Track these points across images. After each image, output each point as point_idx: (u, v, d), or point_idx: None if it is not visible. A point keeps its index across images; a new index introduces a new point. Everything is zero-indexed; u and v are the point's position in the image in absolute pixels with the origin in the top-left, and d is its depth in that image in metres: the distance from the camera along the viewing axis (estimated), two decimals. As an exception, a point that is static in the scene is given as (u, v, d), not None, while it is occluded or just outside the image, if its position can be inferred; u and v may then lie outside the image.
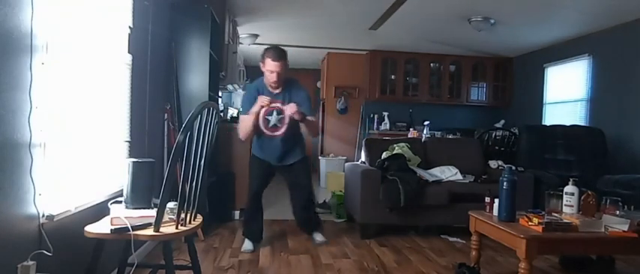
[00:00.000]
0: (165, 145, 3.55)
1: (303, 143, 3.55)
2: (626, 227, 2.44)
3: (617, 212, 2.67)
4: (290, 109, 3.15)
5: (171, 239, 1.94)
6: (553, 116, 6.25)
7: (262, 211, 3.60)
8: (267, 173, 3.49)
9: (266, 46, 3.32)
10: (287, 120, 3.21)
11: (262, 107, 3.17)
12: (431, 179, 4.03)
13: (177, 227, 1.90)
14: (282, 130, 3.24)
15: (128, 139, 2.81)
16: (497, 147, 5.39)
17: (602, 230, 2.49)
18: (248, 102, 3.32)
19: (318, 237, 3.60)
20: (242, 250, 3.40)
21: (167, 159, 3.47)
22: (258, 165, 3.46)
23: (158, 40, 3.39)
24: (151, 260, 3.02)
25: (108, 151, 2.52)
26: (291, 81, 3.38)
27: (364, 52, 7.40)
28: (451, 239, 3.92)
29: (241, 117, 3.37)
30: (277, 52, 3.21)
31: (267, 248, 3.52)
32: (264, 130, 3.25)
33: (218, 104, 4.98)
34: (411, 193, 3.74)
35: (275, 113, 3.21)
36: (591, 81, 5.57)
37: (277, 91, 3.31)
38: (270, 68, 3.19)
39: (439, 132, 6.42)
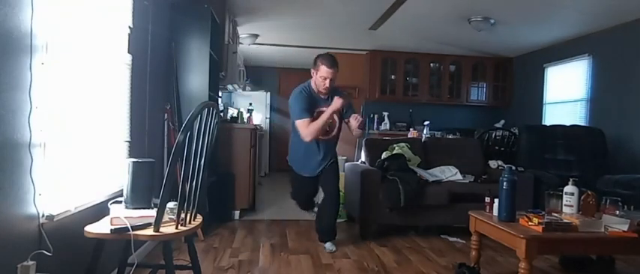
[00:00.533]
0: (165, 145, 3.55)
1: None
2: (626, 227, 2.44)
3: (617, 212, 2.67)
4: (354, 120, 3.31)
5: (172, 239, 1.94)
6: (553, 116, 6.26)
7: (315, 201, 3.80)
8: (314, 183, 3.61)
9: (320, 53, 3.46)
10: (338, 124, 3.43)
11: (337, 108, 3.33)
12: (431, 179, 4.03)
13: (177, 227, 1.90)
14: (334, 133, 3.47)
15: (128, 139, 2.81)
16: (497, 147, 5.39)
17: (602, 230, 2.49)
18: (302, 106, 3.36)
19: (329, 246, 3.56)
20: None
21: (167, 159, 3.47)
22: (301, 180, 3.60)
23: (158, 40, 3.39)
24: (151, 260, 3.02)
25: (108, 151, 2.52)
26: (334, 88, 3.49)
27: (364, 52, 7.40)
28: (451, 239, 3.92)
29: (301, 122, 3.33)
30: (332, 59, 3.35)
31: (267, 248, 3.52)
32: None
33: (218, 104, 4.97)
34: (411, 193, 3.75)
35: None
36: (591, 81, 5.57)
37: (323, 97, 3.43)
38: (324, 74, 3.31)
39: (439, 132, 6.42)
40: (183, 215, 1.91)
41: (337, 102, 3.31)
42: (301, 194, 3.73)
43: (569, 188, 2.76)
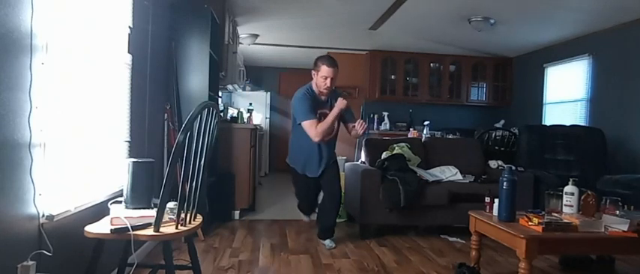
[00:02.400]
0: (165, 145, 3.55)
1: None
2: (626, 227, 2.44)
3: (617, 212, 2.67)
4: (360, 127, 3.38)
5: (171, 239, 1.94)
6: (553, 116, 6.25)
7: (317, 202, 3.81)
8: (316, 183, 3.63)
9: (319, 55, 3.58)
10: (336, 125, 3.52)
11: (343, 108, 3.45)
12: (431, 179, 4.03)
13: (177, 227, 1.90)
14: (333, 134, 3.55)
15: (128, 139, 2.81)
16: (497, 147, 5.38)
17: (602, 230, 2.49)
18: (307, 107, 3.43)
19: (328, 243, 3.60)
20: (304, 219, 3.96)
21: (167, 159, 3.47)
22: (304, 180, 3.64)
23: (158, 40, 3.39)
24: (151, 260, 3.02)
25: (108, 151, 2.52)
26: (334, 90, 3.59)
27: (364, 52, 7.40)
28: (451, 239, 3.92)
29: (308, 123, 3.41)
30: (332, 59, 3.48)
31: (267, 248, 3.52)
32: None
33: (218, 104, 4.97)
34: (411, 193, 3.74)
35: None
36: (591, 81, 5.57)
37: (323, 98, 3.53)
38: (325, 74, 3.41)
39: (439, 132, 6.41)
40: (183, 215, 1.91)
41: (341, 102, 3.43)
42: (306, 193, 3.77)
43: (569, 188, 2.76)
